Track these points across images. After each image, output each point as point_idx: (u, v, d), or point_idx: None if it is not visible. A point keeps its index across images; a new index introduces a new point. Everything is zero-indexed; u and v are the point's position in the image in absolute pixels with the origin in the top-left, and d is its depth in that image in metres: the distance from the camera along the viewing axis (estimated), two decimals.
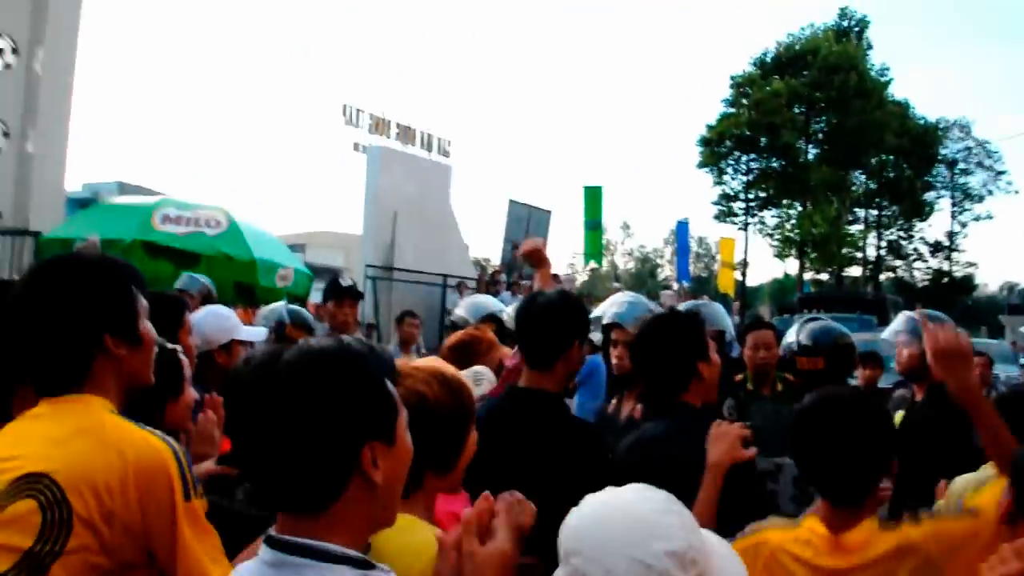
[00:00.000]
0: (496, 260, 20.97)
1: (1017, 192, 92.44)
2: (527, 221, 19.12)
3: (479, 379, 2.79)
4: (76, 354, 1.76)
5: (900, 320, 3.92)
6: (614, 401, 3.91)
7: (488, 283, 16.78)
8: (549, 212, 19.94)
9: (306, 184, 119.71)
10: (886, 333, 4.08)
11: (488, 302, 5.58)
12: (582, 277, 31.04)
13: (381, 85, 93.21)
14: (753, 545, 2.08)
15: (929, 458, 3.10)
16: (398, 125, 17.19)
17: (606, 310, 4.31)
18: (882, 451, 2.06)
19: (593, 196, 22.07)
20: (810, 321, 4.18)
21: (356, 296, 5.20)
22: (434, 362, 2.24)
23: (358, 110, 17.22)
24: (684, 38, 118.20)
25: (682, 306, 4.97)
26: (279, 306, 4.77)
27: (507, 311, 5.25)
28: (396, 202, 14.65)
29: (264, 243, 9.85)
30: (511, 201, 18.76)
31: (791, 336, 4.10)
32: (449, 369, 2.06)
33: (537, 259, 3.63)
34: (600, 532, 1.35)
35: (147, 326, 1.89)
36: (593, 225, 21.65)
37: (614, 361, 4.03)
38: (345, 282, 5.18)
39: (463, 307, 5.45)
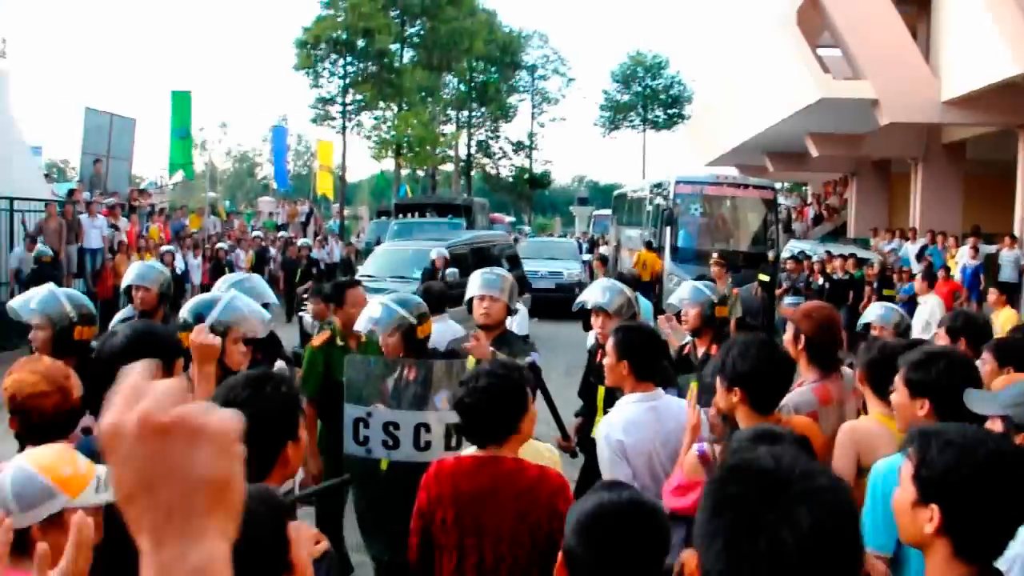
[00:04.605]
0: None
1: (585, 97, 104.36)
2: (108, 130, 18.39)
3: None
4: None
5: (685, 289, 5.23)
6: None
7: (66, 204, 16.12)
8: (133, 120, 19.30)
9: None
10: (673, 299, 5.29)
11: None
12: (171, 188, 30.00)
13: None
14: None
15: None
16: None
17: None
18: None
19: (181, 101, 21.60)
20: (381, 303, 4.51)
21: None
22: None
23: None
24: None
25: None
26: None
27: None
28: None
29: None
30: (88, 109, 17.88)
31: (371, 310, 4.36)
32: None
33: None
34: None
35: None
36: (181, 134, 21.34)
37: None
38: None
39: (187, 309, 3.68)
